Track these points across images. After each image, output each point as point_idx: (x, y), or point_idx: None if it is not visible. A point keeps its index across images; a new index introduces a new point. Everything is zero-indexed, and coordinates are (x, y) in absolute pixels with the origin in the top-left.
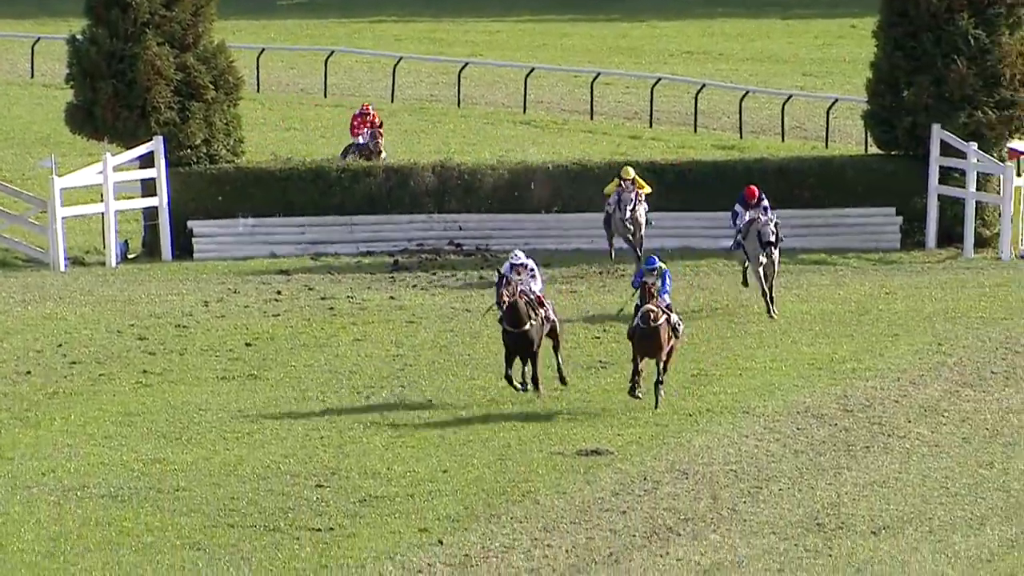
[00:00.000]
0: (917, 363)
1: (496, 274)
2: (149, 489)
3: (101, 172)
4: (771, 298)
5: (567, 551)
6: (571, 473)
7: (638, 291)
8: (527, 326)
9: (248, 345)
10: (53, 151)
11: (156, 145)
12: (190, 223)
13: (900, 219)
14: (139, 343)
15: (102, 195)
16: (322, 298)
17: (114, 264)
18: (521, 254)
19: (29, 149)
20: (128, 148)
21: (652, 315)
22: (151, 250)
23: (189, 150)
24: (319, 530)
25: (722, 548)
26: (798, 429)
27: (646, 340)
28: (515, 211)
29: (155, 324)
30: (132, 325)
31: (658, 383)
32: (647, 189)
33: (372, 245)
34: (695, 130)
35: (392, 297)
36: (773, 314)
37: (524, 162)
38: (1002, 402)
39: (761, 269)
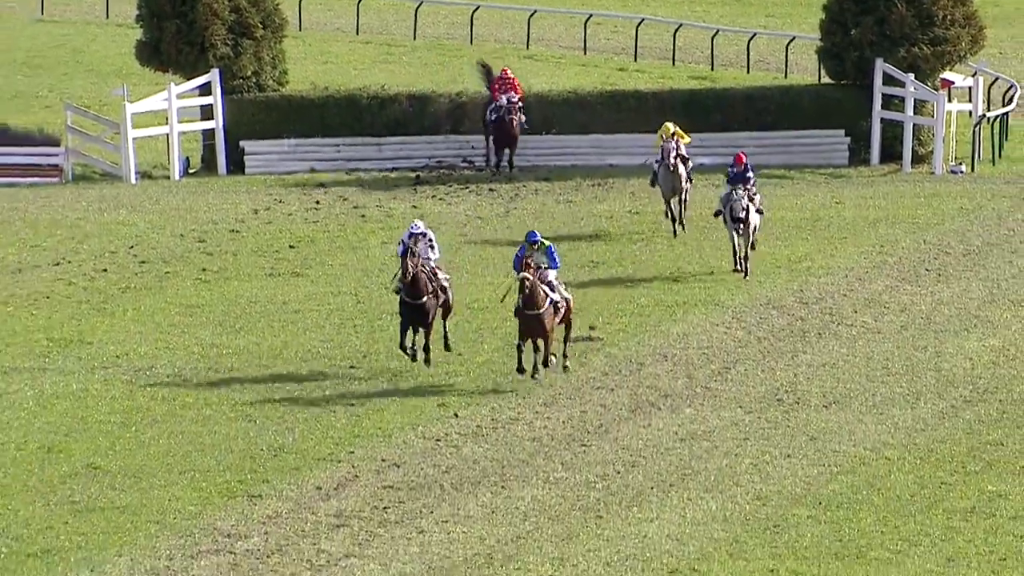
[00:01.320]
0: (862, 262)
1: (399, 244)
2: (207, 370)
3: (166, 99)
4: (745, 258)
5: (563, 422)
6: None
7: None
8: (424, 299)
9: (291, 247)
10: (125, 81)
11: (213, 76)
12: (242, 143)
13: (848, 139)
14: (198, 245)
15: (167, 119)
16: (355, 207)
17: (177, 178)
18: (420, 223)
19: (104, 80)
20: (189, 79)
21: (527, 284)
22: (208, 166)
23: (241, 80)
24: (352, 404)
25: (696, 420)
26: (761, 319)
27: (529, 324)
28: (521, 132)
29: (212, 229)
30: (193, 230)
31: (544, 362)
32: (687, 139)
33: (397, 162)
34: (673, 63)
35: (414, 206)
36: (747, 272)
37: (525, 90)
38: (935, 295)
39: (736, 237)
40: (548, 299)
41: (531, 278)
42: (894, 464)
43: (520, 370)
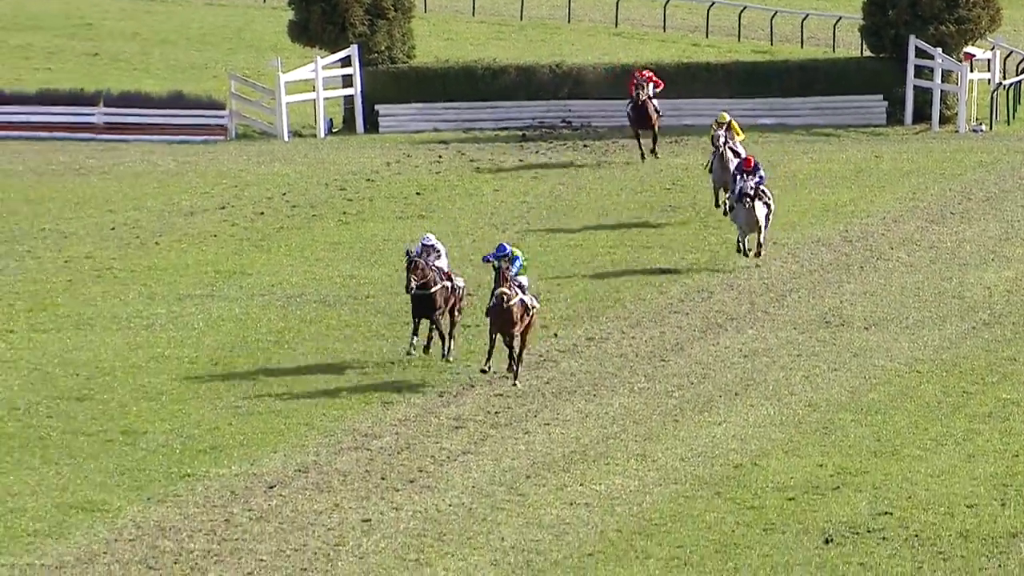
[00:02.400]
0: (897, 206)
1: (406, 256)
2: (348, 297)
3: (313, 70)
4: (759, 243)
5: (646, 341)
6: (648, 287)
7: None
8: (433, 289)
9: (417, 194)
10: (279, 55)
11: (352, 51)
12: (377, 106)
13: (886, 104)
14: (340, 192)
15: (314, 87)
16: (471, 160)
17: (322, 136)
18: (432, 236)
19: (262, 54)
20: (332, 53)
21: (506, 297)
22: (348, 126)
23: (376, 54)
24: (468, 326)
25: (757, 339)
26: (811, 254)
27: (500, 316)
28: (608, 98)
29: (351, 179)
30: (335, 179)
31: (513, 359)
32: (741, 136)
33: (506, 123)
34: (738, 39)
35: (521, 160)
36: (753, 256)
37: (614, 62)
38: (958, 234)
39: (743, 229)
40: (518, 297)
41: (508, 292)
42: (923, 376)
43: (488, 360)
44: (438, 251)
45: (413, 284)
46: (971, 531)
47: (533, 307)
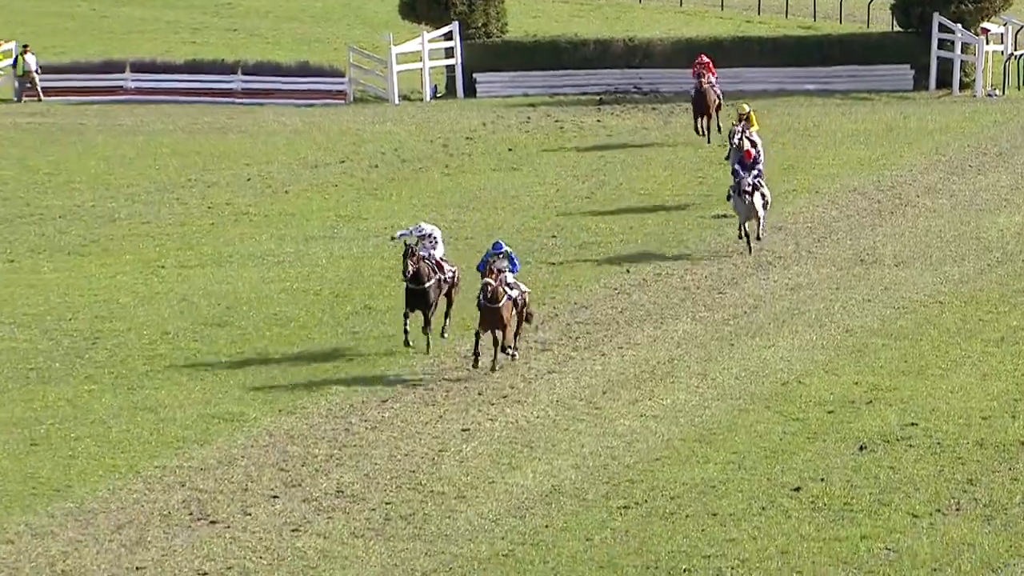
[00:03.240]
0: (923, 160)
1: (404, 245)
2: (450, 237)
3: (420, 43)
4: (754, 236)
5: (705, 277)
6: (708, 229)
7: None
8: (427, 284)
9: (509, 150)
10: (390, 30)
11: (454, 27)
12: (475, 75)
13: (912, 72)
14: (443, 148)
15: (420, 57)
16: (555, 121)
17: (427, 100)
18: (425, 225)
19: (376, 29)
20: (436, 29)
21: (490, 288)
22: (450, 91)
23: (474, 30)
24: (553, 263)
25: (801, 275)
26: (849, 201)
27: (490, 315)
28: (673, 67)
29: (453, 136)
30: (439, 137)
31: (504, 349)
32: (756, 126)
33: (586, 88)
34: (786, 16)
35: (598, 120)
36: (752, 247)
37: (679, 36)
38: (975, 184)
39: (742, 218)
40: (507, 295)
41: (493, 283)
42: (945, 306)
43: (475, 354)
44: (434, 240)
45: (410, 269)
46: (985, 439)
47: (523, 301)
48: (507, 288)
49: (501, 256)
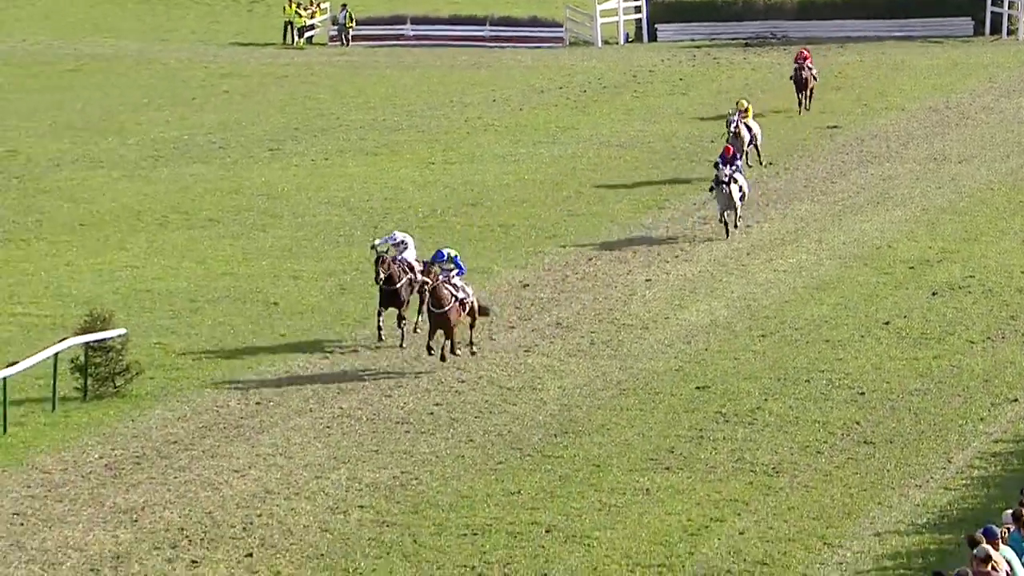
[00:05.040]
0: (979, 86)
1: (373, 252)
2: (635, 143)
3: (617, 1)
4: (731, 224)
5: (818, 170)
6: (824, 137)
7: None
8: (398, 285)
9: (680, 79)
10: None
11: None
12: (656, 25)
13: (972, 22)
14: (632, 79)
15: (617, 12)
16: (714, 59)
17: (622, 43)
18: (398, 234)
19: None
20: None
21: (437, 295)
22: (638, 37)
23: None
24: (709, 161)
25: (890, 169)
26: (925, 116)
27: (438, 320)
28: (799, 19)
29: (640, 70)
30: (629, 70)
31: (453, 351)
32: (749, 116)
33: (736, 35)
34: None
35: (744, 58)
36: (732, 228)
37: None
38: (1019, 103)
39: (721, 207)
40: (453, 298)
41: (432, 283)
42: (995, 192)
43: (429, 349)
44: (405, 244)
45: (381, 276)
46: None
47: (468, 302)
48: (452, 290)
49: (444, 262)
